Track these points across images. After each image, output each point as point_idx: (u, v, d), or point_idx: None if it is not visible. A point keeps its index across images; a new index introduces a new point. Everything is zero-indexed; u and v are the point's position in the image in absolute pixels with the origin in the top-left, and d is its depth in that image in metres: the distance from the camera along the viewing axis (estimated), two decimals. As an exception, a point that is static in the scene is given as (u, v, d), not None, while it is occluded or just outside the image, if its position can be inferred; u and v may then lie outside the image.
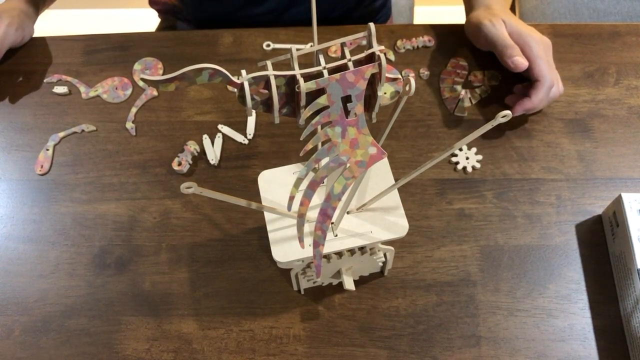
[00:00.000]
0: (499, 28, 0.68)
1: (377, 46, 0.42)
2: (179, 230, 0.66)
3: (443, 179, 0.68)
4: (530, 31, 0.68)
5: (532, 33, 0.68)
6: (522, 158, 0.69)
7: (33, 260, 0.65)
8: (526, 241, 0.64)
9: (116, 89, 0.75)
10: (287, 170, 0.55)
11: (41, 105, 0.75)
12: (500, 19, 0.69)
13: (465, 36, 0.77)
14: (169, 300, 0.62)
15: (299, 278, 0.59)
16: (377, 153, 0.42)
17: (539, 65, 0.66)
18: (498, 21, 0.69)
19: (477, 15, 0.72)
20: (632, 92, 0.73)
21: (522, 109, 0.68)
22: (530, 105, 0.67)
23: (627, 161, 0.69)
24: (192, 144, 0.70)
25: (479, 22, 0.71)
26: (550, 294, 0.62)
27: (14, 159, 0.71)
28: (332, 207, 0.42)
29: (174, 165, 0.69)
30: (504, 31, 0.68)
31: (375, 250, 0.56)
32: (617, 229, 0.61)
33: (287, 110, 0.45)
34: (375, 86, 0.43)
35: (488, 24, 0.69)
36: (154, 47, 0.78)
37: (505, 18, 0.69)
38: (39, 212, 0.68)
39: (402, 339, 0.60)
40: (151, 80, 0.39)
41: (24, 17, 0.77)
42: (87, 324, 0.62)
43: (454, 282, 0.62)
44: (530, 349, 0.59)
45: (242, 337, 0.60)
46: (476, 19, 0.72)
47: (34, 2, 0.81)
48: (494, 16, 0.70)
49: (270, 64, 0.43)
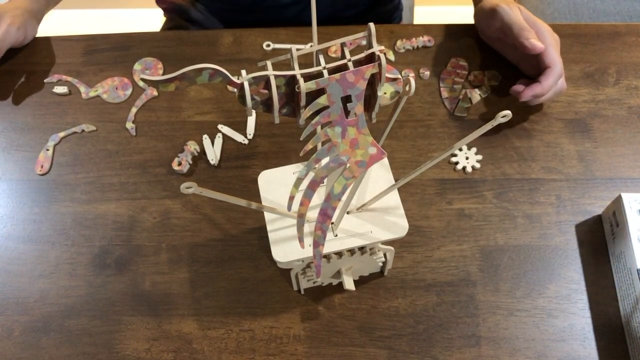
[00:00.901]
0: (516, 12, 0.69)
1: (377, 46, 0.42)
2: (179, 230, 0.66)
3: (443, 179, 0.68)
4: (543, 22, 0.70)
5: (544, 24, 0.70)
6: (522, 158, 0.69)
7: (33, 260, 0.65)
8: (526, 241, 0.64)
9: (116, 89, 0.75)
10: (287, 170, 0.55)
11: (41, 105, 0.75)
12: (516, 5, 0.71)
13: (466, 36, 0.77)
14: (169, 300, 0.62)
15: (299, 278, 0.59)
16: (377, 153, 0.42)
17: (551, 52, 0.67)
18: (515, 6, 0.70)
19: (491, 0, 0.73)
20: (632, 92, 0.73)
21: (532, 94, 0.67)
22: (540, 90, 0.67)
23: (627, 161, 0.69)
24: (192, 144, 0.70)
25: (495, 5, 0.71)
26: (550, 294, 0.62)
27: (14, 159, 0.71)
28: (332, 207, 0.42)
29: (174, 165, 0.69)
30: (519, 15, 0.69)
31: (375, 250, 0.56)
32: (617, 229, 0.61)
33: (287, 110, 0.45)
34: (375, 86, 0.43)
35: (505, 7, 0.70)
36: (154, 47, 0.78)
37: (520, 6, 0.71)
38: (39, 212, 0.68)
39: (402, 339, 0.60)
40: (151, 80, 0.39)
41: (28, 16, 0.77)
42: (87, 324, 0.62)
43: (454, 282, 0.62)
44: (530, 349, 0.59)
45: (242, 337, 0.60)
46: (491, 3, 0.72)
47: (40, 1, 0.81)
48: (510, 2, 0.71)
49: (270, 64, 0.43)
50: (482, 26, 0.75)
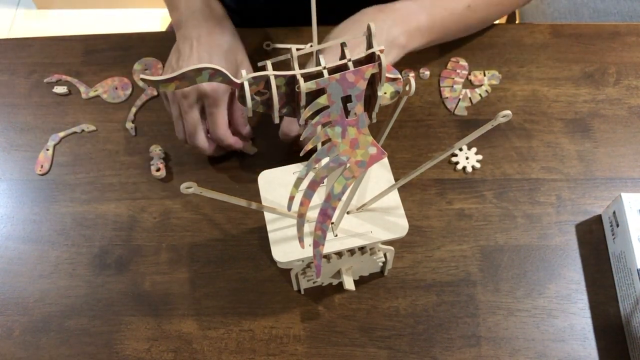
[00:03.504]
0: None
1: (377, 46, 0.42)
2: (179, 230, 0.66)
3: (443, 179, 0.68)
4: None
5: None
6: (522, 158, 0.69)
7: (33, 260, 0.65)
8: (526, 241, 0.64)
9: (116, 89, 0.75)
10: (287, 170, 0.55)
11: (41, 105, 0.75)
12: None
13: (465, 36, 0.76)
14: (169, 300, 0.62)
15: (299, 278, 0.59)
16: (377, 153, 0.42)
17: None
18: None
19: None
20: (632, 92, 0.73)
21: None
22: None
23: (627, 161, 0.69)
24: (154, 148, 0.69)
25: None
26: (550, 294, 0.62)
27: (14, 159, 0.71)
28: (332, 207, 0.42)
29: (153, 172, 0.68)
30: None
31: (375, 250, 0.56)
32: (617, 229, 0.61)
33: (287, 110, 0.45)
34: (375, 86, 0.43)
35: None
36: (154, 47, 0.78)
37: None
38: (39, 212, 0.68)
39: (402, 339, 0.60)
40: (151, 80, 0.39)
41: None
42: (87, 324, 0.62)
43: (454, 282, 0.62)
44: (530, 349, 0.59)
45: (242, 337, 0.60)
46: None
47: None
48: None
49: (270, 64, 0.43)
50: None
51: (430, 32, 0.68)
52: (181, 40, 0.65)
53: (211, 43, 0.64)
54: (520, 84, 0.74)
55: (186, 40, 0.64)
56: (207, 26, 0.65)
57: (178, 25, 0.67)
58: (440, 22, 0.68)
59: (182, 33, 0.65)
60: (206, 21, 0.65)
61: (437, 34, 0.69)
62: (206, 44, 0.63)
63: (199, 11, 0.66)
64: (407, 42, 0.66)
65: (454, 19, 0.70)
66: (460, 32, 0.73)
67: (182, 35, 0.65)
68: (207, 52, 0.63)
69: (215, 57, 0.63)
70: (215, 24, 0.65)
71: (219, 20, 0.66)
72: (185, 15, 0.66)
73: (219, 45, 0.64)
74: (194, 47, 0.63)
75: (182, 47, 0.64)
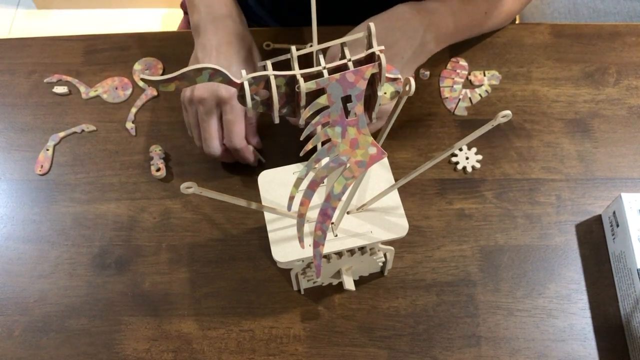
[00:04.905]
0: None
1: (377, 46, 0.42)
2: (179, 230, 0.66)
3: (443, 179, 0.68)
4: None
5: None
6: (522, 158, 0.69)
7: (33, 260, 0.65)
8: (526, 241, 0.64)
9: (116, 89, 0.75)
10: (287, 170, 0.55)
11: (41, 105, 0.75)
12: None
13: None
14: (169, 300, 0.62)
15: (299, 278, 0.59)
16: (377, 153, 0.42)
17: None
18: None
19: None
20: (632, 92, 0.73)
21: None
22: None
23: (627, 161, 0.69)
24: (154, 148, 0.69)
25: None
26: (550, 294, 0.62)
27: (14, 159, 0.71)
28: (332, 207, 0.42)
29: (152, 172, 0.68)
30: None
31: (375, 250, 0.56)
32: (617, 229, 0.61)
33: (287, 110, 0.45)
34: (375, 86, 0.43)
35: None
36: (154, 47, 0.78)
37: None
38: (39, 212, 0.68)
39: (402, 339, 0.60)
40: (151, 80, 0.39)
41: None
42: (87, 324, 0.62)
43: (454, 282, 0.62)
44: (530, 349, 0.59)
45: (242, 337, 0.60)
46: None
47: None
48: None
49: (270, 64, 0.43)
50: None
51: (452, 37, 0.70)
52: (200, 48, 0.65)
53: (230, 51, 0.64)
54: (520, 84, 0.74)
55: (205, 50, 0.64)
56: (226, 34, 0.65)
57: (197, 29, 0.67)
58: (462, 28, 0.70)
59: (201, 41, 0.65)
60: (225, 29, 0.65)
61: (456, 39, 0.72)
62: (225, 52, 0.64)
63: (220, 19, 0.66)
64: (435, 48, 0.68)
65: (472, 25, 0.71)
66: (470, 37, 0.74)
67: (201, 43, 0.65)
68: (227, 61, 0.63)
69: (234, 67, 0.64)
70: (234, 32, 0.65)
71: (238, 29, 0.67)
72: (205, 21, 0.66)
73: (237, 53, 0.65)
74: (213, 57, 0.63)
75: (201, 56, 0.64)
